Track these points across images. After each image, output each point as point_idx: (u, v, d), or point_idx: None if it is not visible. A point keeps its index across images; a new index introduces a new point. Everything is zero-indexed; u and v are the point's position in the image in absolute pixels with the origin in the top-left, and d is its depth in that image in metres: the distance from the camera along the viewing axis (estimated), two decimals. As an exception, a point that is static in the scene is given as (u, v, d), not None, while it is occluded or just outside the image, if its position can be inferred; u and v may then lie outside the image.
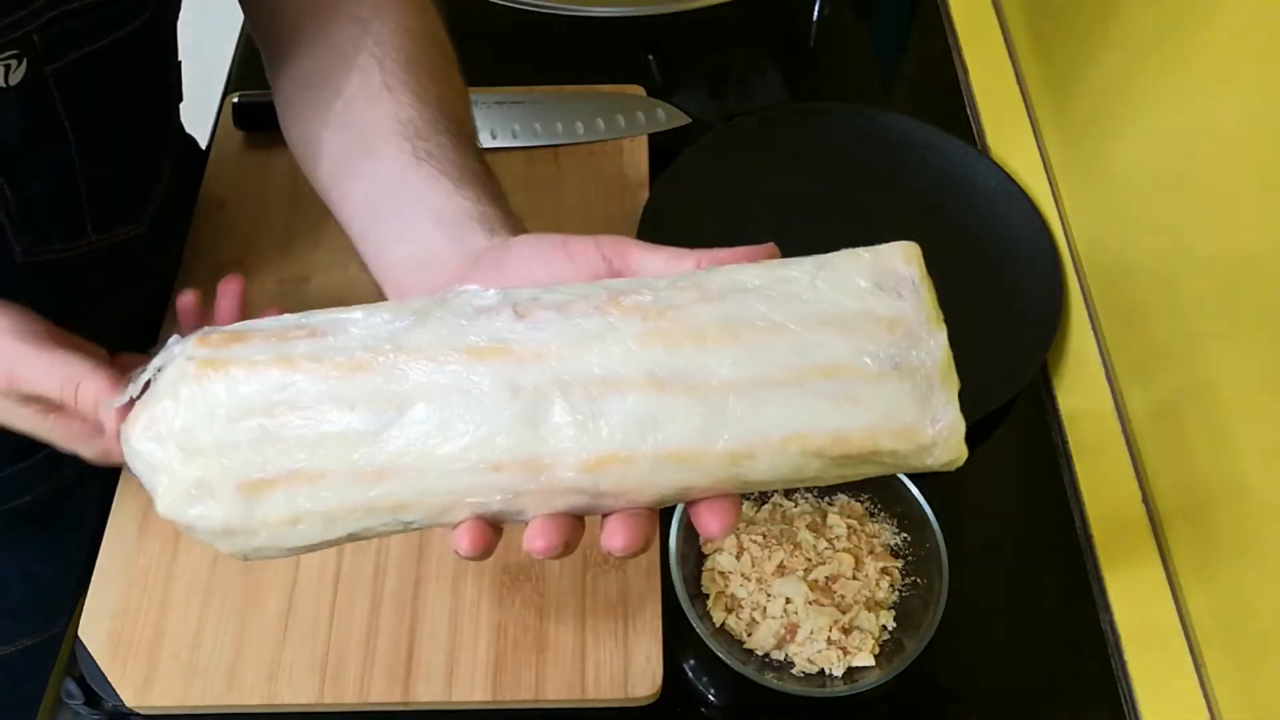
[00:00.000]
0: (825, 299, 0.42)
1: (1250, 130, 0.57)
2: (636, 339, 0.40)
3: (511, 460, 0.40)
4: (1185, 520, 0.63)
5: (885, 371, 0.41)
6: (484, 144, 0.81)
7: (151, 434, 0.41)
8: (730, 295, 0.42)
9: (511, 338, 0.40)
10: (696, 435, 0.39)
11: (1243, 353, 0.57)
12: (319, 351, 0.41)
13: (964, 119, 0.87)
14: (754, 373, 0.40)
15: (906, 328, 0.43)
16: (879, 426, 0.40)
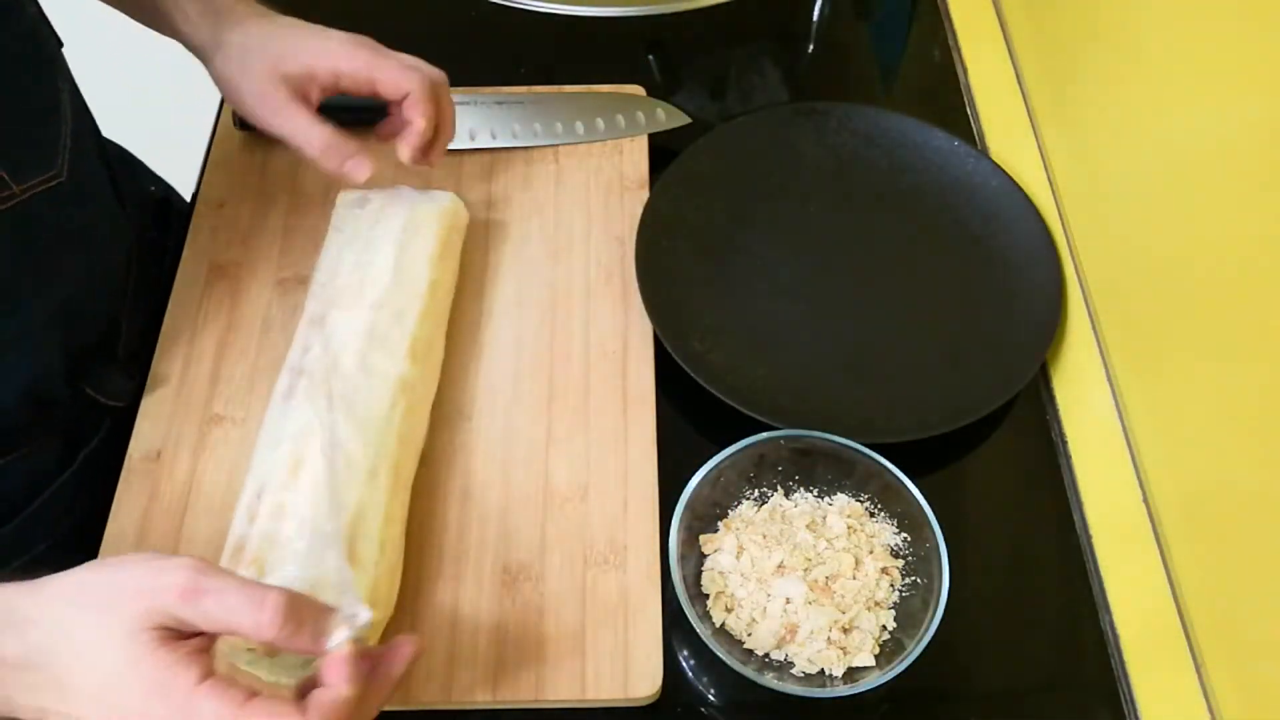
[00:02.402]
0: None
1: (1250, 130, 0.57)
2: None
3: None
4: (1185, 520, 0.63)
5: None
6: (484, 144, 0.82)
7: None
8: None
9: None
10: None
11: (1243, 353, 0.57)
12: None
13: (964, 119, 0.87)
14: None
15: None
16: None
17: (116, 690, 0.44)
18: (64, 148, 0.64)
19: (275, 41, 0.68)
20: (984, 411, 0.68)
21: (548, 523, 0.65)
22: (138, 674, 0.44)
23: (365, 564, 0.58)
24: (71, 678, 0.45)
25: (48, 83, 0.63)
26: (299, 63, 0.67)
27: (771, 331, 0.74)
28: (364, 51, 0.68)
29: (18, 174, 0.60)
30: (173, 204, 0.88)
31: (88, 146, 0.67)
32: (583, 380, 0.70)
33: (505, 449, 0.67)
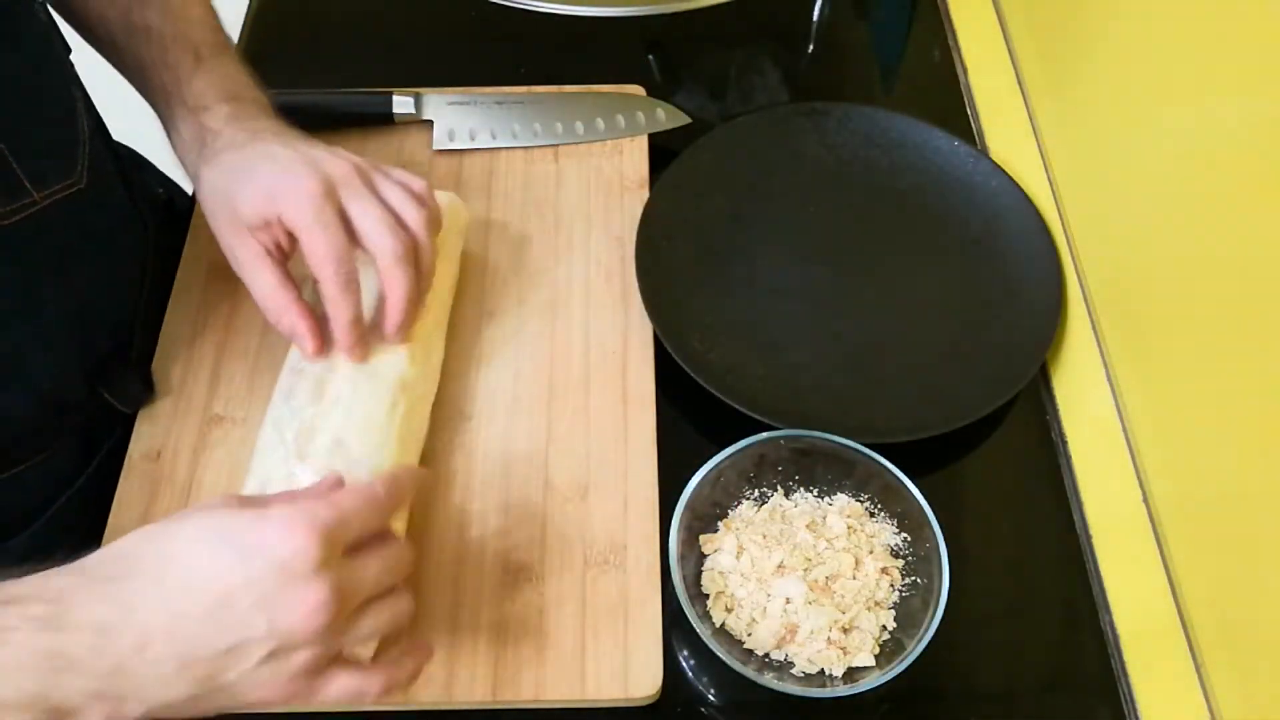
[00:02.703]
0: None
1: (1250, 130, 0.57)
2: None
3: None
4: (1185, 521, 0.63)
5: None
6: (484, 144, 0.82)
7: None
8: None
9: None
10: None
11: (1243, 352, 0.57)
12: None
13: (964, 119, 0.87)
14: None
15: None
16: None
17: (214, 572, 0.44)
18: (83, 154, 0.63)
19: (236, 184, 0.62)
20: (984, 411, 0.68)
21: (548, 523, 0.65)
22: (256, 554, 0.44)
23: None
24: (171, 556, 0.45)
25: (63, 89, 0.63)
26: (253, 212, 0.61)
27: (771, 331, 0.74)
28: (308, 205, 0.59)
29: (39, 182, 0.59)
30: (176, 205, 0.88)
31: (102, 152, 0.67)
32: (583, 380, 0.70)
33: (505, 449, 0.67)
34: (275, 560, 0.44)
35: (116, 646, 0.43)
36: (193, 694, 0.44)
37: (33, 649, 0.42)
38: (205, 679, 0.44)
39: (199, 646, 0.43)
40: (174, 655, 0.43)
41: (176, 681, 0.43)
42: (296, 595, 0.44)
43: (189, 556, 0.45)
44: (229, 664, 0.44)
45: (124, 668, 0.42)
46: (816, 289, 0.76)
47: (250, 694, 0.45)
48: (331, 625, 0.45)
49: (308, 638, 0.45)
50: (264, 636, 0.44)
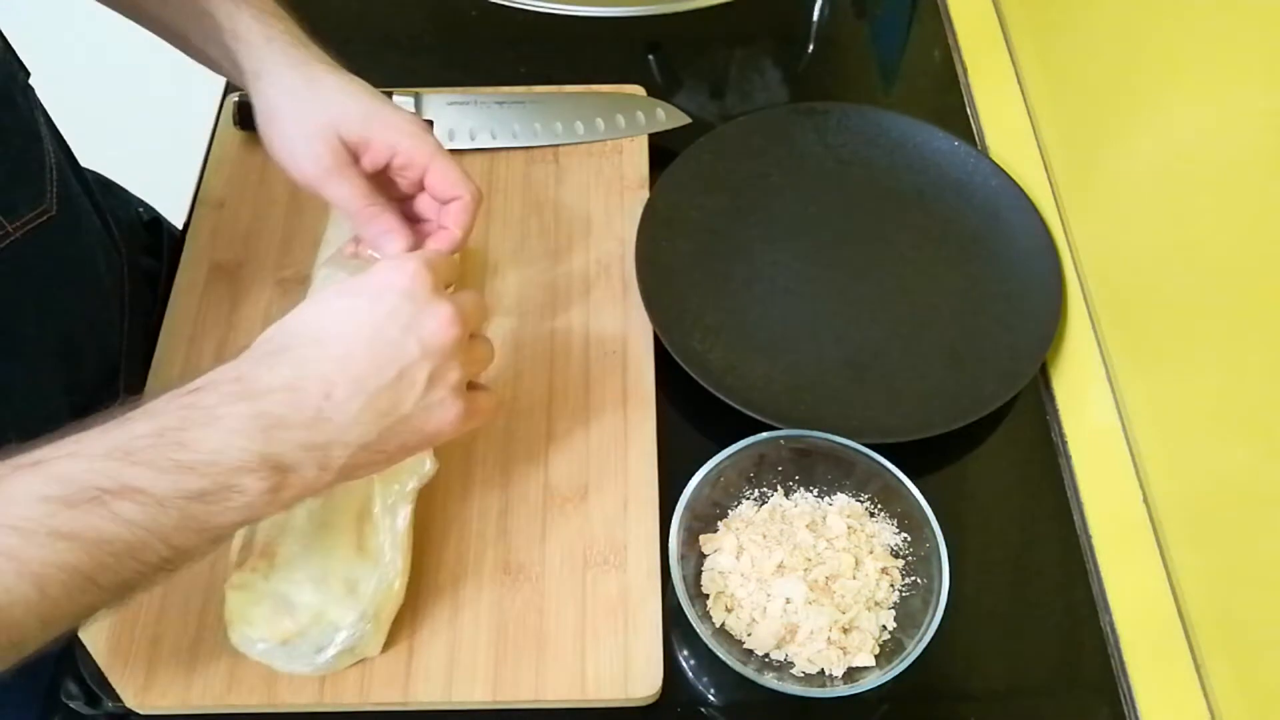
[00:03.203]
0: None
1: (1250, 129, 0.57)
2: None
3: None
4: (1185, 520, 0.63)
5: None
6: (484, 144, 0.82)
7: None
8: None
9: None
10: None
11: (1243, 352, 0.57)
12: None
13: (964, 119, 0.87)
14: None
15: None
16: None
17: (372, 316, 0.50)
18: (50, 180, 0.62)
19: (337, 97, 0.62)
20: (984, 411, 0.68)
21: (548, 523, 0.65)
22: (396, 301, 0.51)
23: (371, 553, 0.58)
24: (320, 320, 0.50)
25: (26, 114, 0.62)
26: (358, 129, 0.61)
27: (771, 331, 0.74)
28: (430, 139, 0.63)
29: (10, 212, 0.59)
30: (163, 225, 0.87)
31: (69, 177, 0.66)
32: (583, 380, 0.70)
33: (505, 449, 0.67)
34: (402, 290, 0.51)
35: (307, 398, 0.47)
36: (381, 430, 0.49)
37: (240, 416, 0.46)
38: (388, 411, 0.49)
39: (372, 380, 0.49)
40: (355, 393, 0.48)
41: (365, 418, 0.49)
42: (430, 313, 0.51)
43: (330, 315, 0.50)
44: (403, 391, 0.50)
45: (320, 414, 0.47)
46: (816, 289, 0.76)
47: (428, 423, 0.51)
48: (462, 338, 0.52)
49: (452, 350, 0.51)
50: (420, 357, 0.50)
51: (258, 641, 0.56)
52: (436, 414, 0.51)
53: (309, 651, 0.57)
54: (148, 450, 0.44)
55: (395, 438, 0.50)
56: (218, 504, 0.45)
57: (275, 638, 0.56)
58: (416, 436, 0.51)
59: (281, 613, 0.56)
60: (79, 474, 0.43)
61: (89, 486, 0.43)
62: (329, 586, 0.56)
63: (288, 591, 0.56)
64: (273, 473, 0.46)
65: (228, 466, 0.45)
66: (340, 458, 0.49)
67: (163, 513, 0.44)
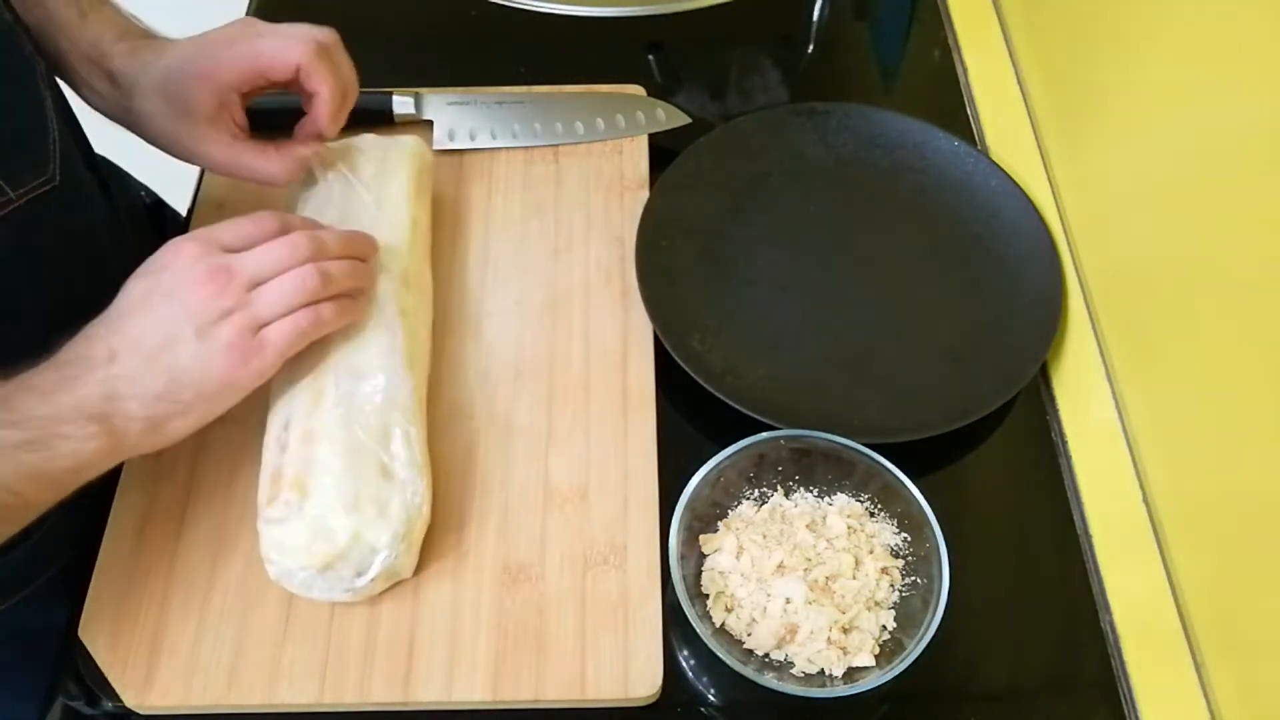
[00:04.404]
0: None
1: (1251, 129, 0.57)
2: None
3: None
4: (1185, 520, 0.63)
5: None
6: (484, 144, 0.82)
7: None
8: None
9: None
10: None
11: (1242, 352, 0.57)
12: None
13: (964, 119, 0.87)
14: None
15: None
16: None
17: (163, 291, 0.57)
18: (54, 152, 0.64)
19: (163, 74, 0.66)
20: (984, 411, 0.68)
21: (548, 523, 0.65)
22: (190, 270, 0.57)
23: (396, 476, 0.59)
24: (112, 306, 0.57)
25: (30, 87, 0.63)
26: (190, 86, 0.65)
27: (771, 331, 0.74)
28: (240, 44, 0.66)
29: (13, 180, 0.60)
30: (165, 209, 0.88)
31: (75, 152, 0.67)
32: (583, 380, 0.70)
33: (505, 449, 0.67)
34: (166, 266, 0.58)
35: (97, 363, 0.55)
36: (168, 380, 0.56)
37: (51, 380, 0.55)
38: (169, 367, 0.56)
39: (146, 341, 0.56)
40: (134, 354, 0.55)
41: (149, 373, 0.55)
42: (185, 277, 0.57)
43: (126, 297, 0.58)
44: (176, 349, 0.56)
45: (109, 374, 0.55)
46: (816, 289, 0.76)
47: (212, 371, 0.56)
48: (225, 293, 0.57)
49: (213, 307, 0.56)
50: (183, 317, 0.56)
51: (298, 571, 0.58)
52: (218, 359, 0.57)
53: (349, 575, 0.58)
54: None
55: (185, 388, 0.56)
56: (45, 451, 0.53)
57: (316, 564, 0.57)
58: (210, 384, 0.57)
59: (320, 538, 0.57)
60: None
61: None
62: (361, 509, 0.58)
63: (323, 516, 0.57)
64: (88, 421, 0.54)
65: (46, 416, 0.53)
66: (138, 409, 0.55)
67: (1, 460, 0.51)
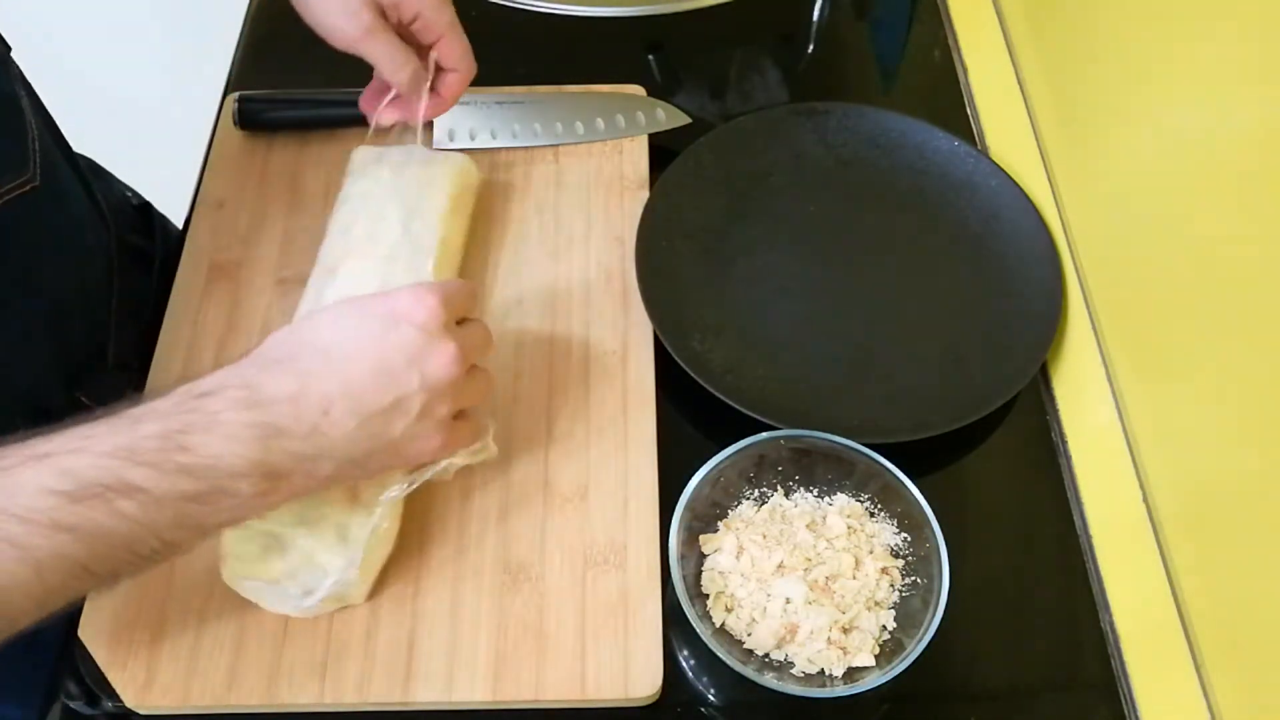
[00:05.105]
0: None
1: (1250, 129, 0.57)
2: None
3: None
4: (1185, 520, 0.63)
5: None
6: (484, 144, 0.82)
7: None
8: None
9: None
10: None
11: (1243, 352, 0.57)
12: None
13: (964, 119, 0.87)
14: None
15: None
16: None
17: (367, 338, 0.53)
18: (33, 151, 0.63)
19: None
20: (984, 411, 0.68)
21: (548, 523, 0.65)
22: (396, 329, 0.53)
23: (364, 503, 0.59)
24: (331, 335, 0.53)
25: (6, 86, 0.63)
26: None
27: (771, 331, 0.74)
28: (448, 10, 0.68)
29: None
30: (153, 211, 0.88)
31: (55, 153, 0.67)
32: (583, 380, 0.70)
33: (505, 449, 0.67)
34: (415, 322, 0.53)
35: (308, 412, 0.50)
36: (368, 450, 0.52)
37: (242, 424, 0.49)
38: (379, 434, 0.52)
39: (370, 403, 0.51)
40: (352, 413, 0.51)
41: (357, 437, 0.51)
42: (437, 349, 0.53)
43: (343, 332, 0.53)
44: (395, 418, 0.52)
45: (317, 429, 0.50)
46: (816, 289, 0.76)
47: (409, 448, 0.54)
48: (461, 376, 0.54)
49: (448, 389, 0.54)
50: (418, 389, 0.53)
51: (248, 579, 0.58)
52: (419, 442, 0.54)
53: (296, 593, 0.58)
54: (152, 452, 0.47)
55: (378, 458, 0.54)
56: (210, 505, 0.48)
57: (264, 576, 0.57)
58: (397, 459, 0.55)
59: (273, 553, 0.57)
60: (84, 470, 0.45)
61: (93, 483, 0.45)
62: (320, 531, 0.57)
63: (281, 533, 0.57)
64: (264, 479, 0.49)
65: (224, 471, 0.48)
66: (327, 469, 0.52)
67: (159, 511, 0.46)
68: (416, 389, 0.53)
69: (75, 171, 0.71)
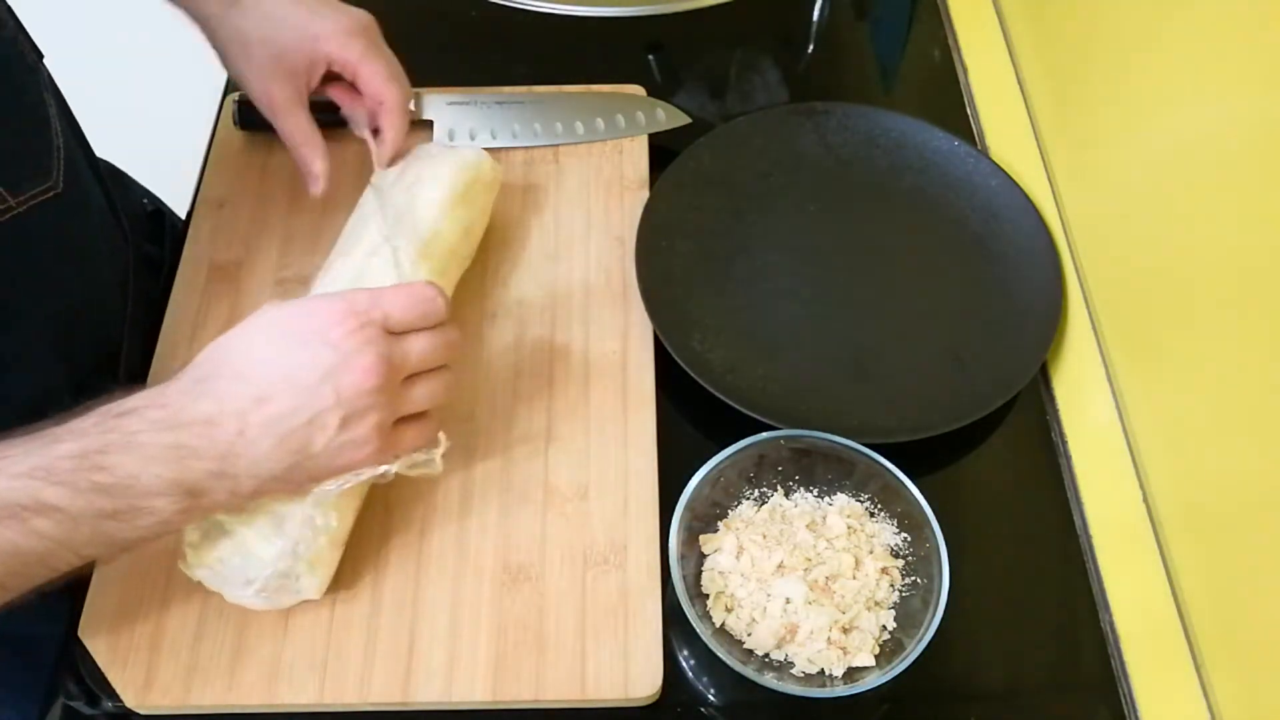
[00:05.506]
0: None
1: (1250, 129, 0.57)
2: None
3: None
4: (1185, 520, 0.63)
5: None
6: (484, 144, 0.82)
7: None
8: None
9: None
10: None
11: (1243, 352, 0.57)
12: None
13: (964, 119, 0.87)
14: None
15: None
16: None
17: (292, 339, 0.53)
18: (58, 159, 0.63)
19: (276, 32, 0.68)
20: (984, 411, 0.68)
21: (548, 523, 0.65)
22: (314, 319, 0.53)
23: (309, 501, 0.58)
24: (247, 354, 0.53)
25: (34, 93, 0.63)
26: (300, 55, 0.68)
27: (771, 331, 0.74)
28: (358, 42, 0.69)
29: (14, 186, 0.59)
30: (165, 217, 0.88)
31: (79, 159, 0.67)
32: (583, 380, 0.70)
33: (505, 449, 0.67)
34: (328, 340, 0.52)
35: (222, 434, 0.50)
36: (290, 465, 0.52)
37: (159, 445, 0.49)
38: (298, 450, 0.52)
39: (284, 423, 0.51)
40: (267, 434, 0.51)
41: (275, 455, 0.52)
42: (351, 364, 0.52)
43: (259, 350, 0.53)
44: (313, 434, 0.52)
45: (233, 450, 0.51)
46: (816, 289, 0.76)
47: (337, 459, 0.54)
48: (384, 387, 0.53)
49: (368, 400, 0.53)
50: (334, 405, 0.52)
51: (197, 567, 0.58)
52: (347, 453, 0.54)
53: (239, 582, 0.58)
54: (68, 472, 0.47)
55: (303, 471, 0.53)
56: (129, 522, 0.49)
57: (203, 563, 0.58)
58: (325, 471, 0.55)
59: (212, 539, 0.57)
60: (0, 491, 0.46)
61: (9, 503, 0.46)
62: (254, 520, 0.57)
63: (222, 520, 0.57)
64: (184, 496, 0.50)
65: (141, 490, 0.49)
66: (249, 486, 0.52)
67: (75, 529, 0.47)
68: (331, 405, 0.52)
69: (98, 179, 0.72)
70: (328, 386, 0.52)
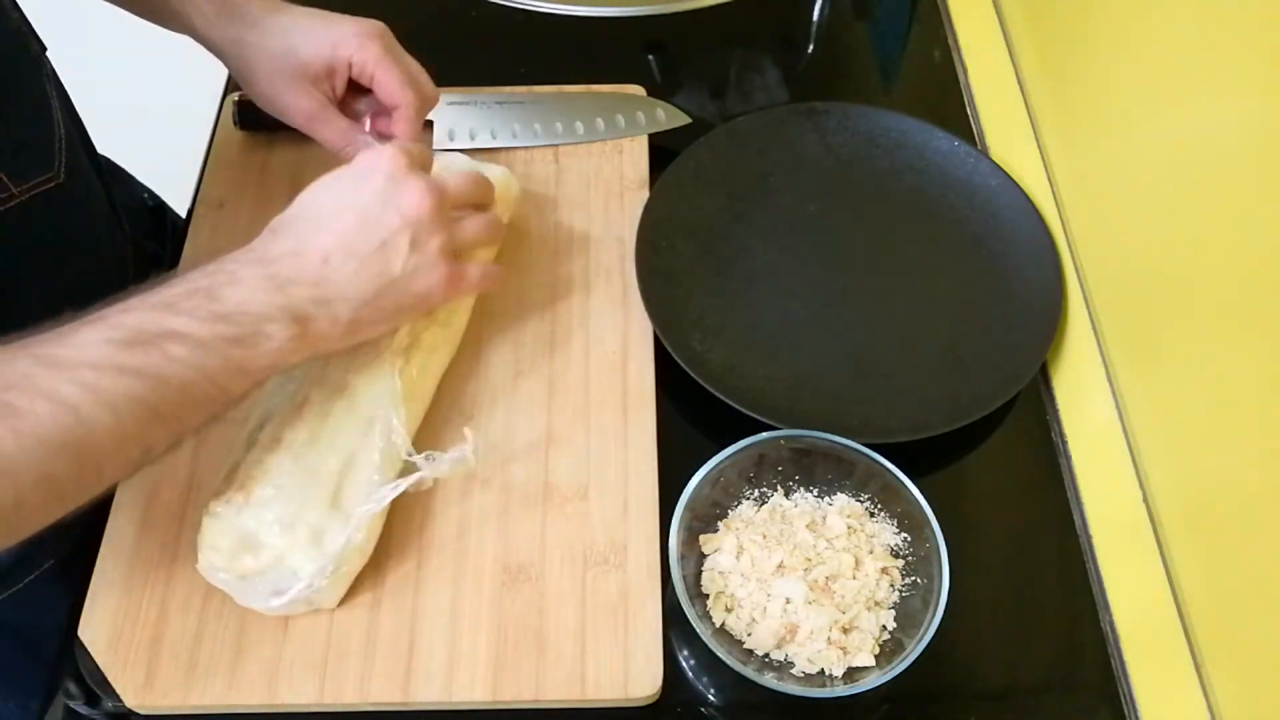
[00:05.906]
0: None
1: (1250, 129, 0.57)
2: None
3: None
4: (1185, 520, 0.63)
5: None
6: (484, 144, 0.82)
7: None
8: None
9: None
10: None
11: (1243, 352, 0.57)
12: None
13: (964, 119, 0.87)
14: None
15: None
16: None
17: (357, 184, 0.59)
18: (59, 150, 0.64)
19: (294, 42, 0.69)
20: (984, 411, 0.68)
21: (548, 523, 0.65)
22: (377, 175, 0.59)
23: (344, 509, 0.59)
24: (315, 203, 0.59)
25: (36, 85, 0.64)
26: (320, 62, 0.69)
27: (771, 331, 0.74)
28: (374, 45, 0.70)
29: (16, 175, 0.60)
30: (166, 213, 0.88)
31: (80, 152, 0.67)
32: (583, 380, 0.70)
33: (505, 449, 0.67)
34: (382, 171, 0.59)
35: (309, 263, 0.56)
36: (376, 289, 0.58)
37: (259, 277, 0.54)
38: (379, 273, 0.58)
39: (362, 247, 0.57)
40: (350, 258, 0.57)
41: (361, 278, 0.57)
42: (406, 187, 0.59)
43: (324, 198, 0.59)
44: (389, 257, 0.58)
45: (323, 276, 0.56)
46: (816, 289, 0.76)
47: (414, 283, 0.59)
48: (437, 208, 0.59)
49: (429, 220, 0.59)
50: (400, 226, 0.58)
51: (219, 571, 0.58)
52: (424, 275, 0.59)
53: (265, 592, 0.58)
54: (185, 302, 0.52)
55: (390, 297, 0.58)
56: (251, 348, 0.53)
57: (234, 572, 0.57)
58: (409, 297, 0.59)
59: (246, 549, 0.57)
60: (133, 322, 0.50)
61: (142, 331, 0.50)
62: (295, 533, 0.57)
63: (256, 529, 0.57)
64: (292, 323, 0.54)
65: (254, 314, 0.53)
66: (346, 312, 0.57)
67: (206, 354, 0.51)
68: (399, 225, 0.58)
69: (97, 173, 0.72)
70: (390, 210, 0.58)
